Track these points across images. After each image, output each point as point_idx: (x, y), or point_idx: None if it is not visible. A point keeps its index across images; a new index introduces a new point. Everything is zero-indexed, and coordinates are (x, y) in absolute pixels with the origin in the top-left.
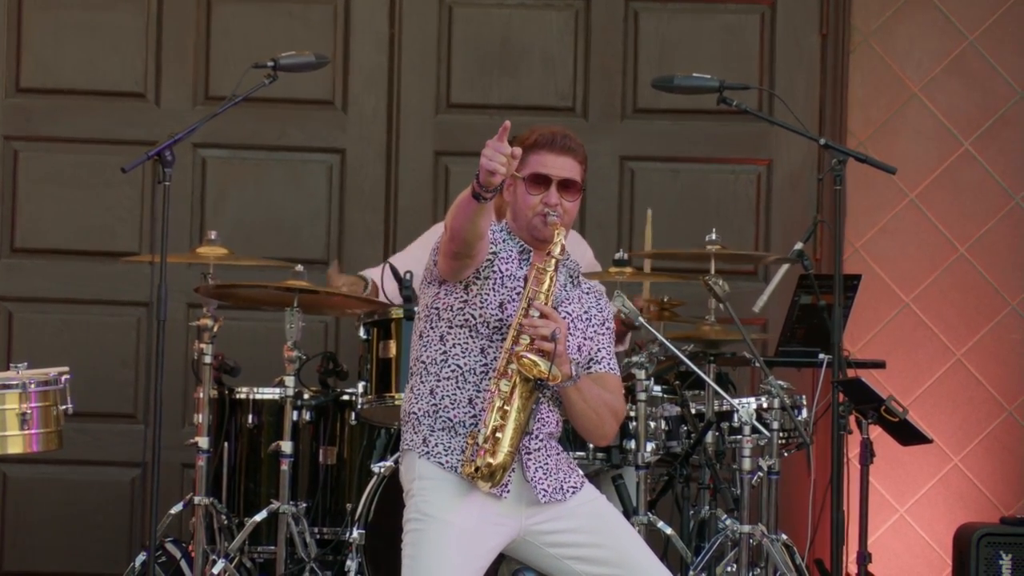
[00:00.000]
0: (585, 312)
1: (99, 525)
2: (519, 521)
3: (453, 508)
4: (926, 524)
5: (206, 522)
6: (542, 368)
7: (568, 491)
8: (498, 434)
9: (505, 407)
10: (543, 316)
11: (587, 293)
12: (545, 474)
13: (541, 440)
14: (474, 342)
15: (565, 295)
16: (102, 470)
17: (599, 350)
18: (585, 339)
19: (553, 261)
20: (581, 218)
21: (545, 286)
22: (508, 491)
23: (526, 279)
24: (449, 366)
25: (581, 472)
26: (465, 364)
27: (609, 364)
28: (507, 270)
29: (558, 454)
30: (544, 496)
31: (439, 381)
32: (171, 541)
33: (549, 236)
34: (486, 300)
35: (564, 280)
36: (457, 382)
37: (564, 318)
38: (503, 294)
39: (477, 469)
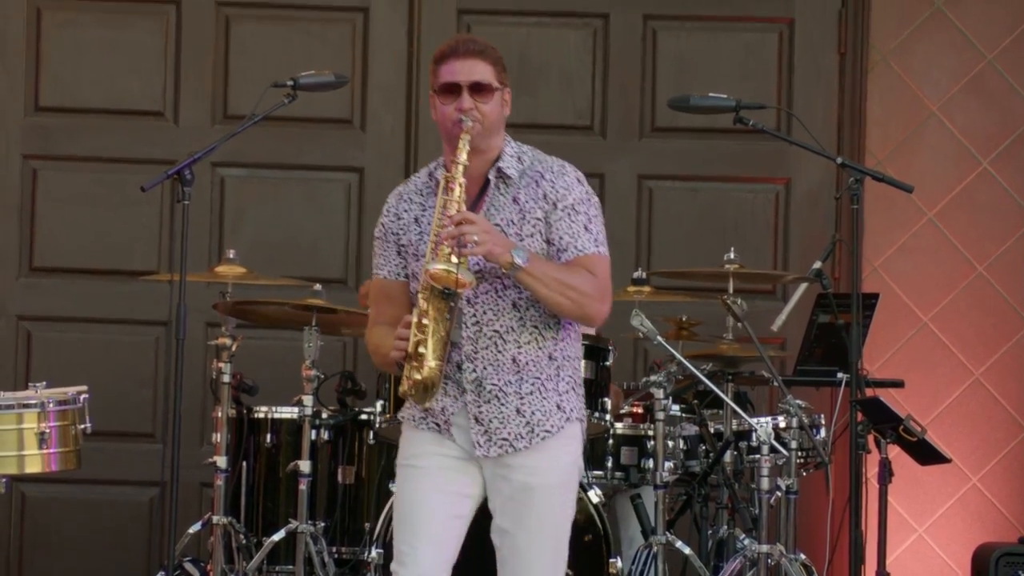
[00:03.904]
0: (520, 210)
1: (117, 544)
2: (477, 462)
3: (415, 454)
4: (945, 544)
5: (224, 541)
6: (452, 275)
7: (515, 444)
8: (420, 349)
9: (423, 321)
10: (460, 223)
11: (526, 186)
12: (487, 424)
13: (499, 386)
14: None
15: (494, 203)
16: (120, 489)
17: (560, 237)
18: (522, 239)
19: (460, 168)
20: None
21: (456, 193)
22: (451, 434)
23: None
24: None
25: (562, 411)
26: None
27: (577, 247)
28: (427, 220)
29: (521, 399)
30: (479, 449)
31: None
32: (189, 561)
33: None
34: (420, 265)
35: (492, 184)
36: None
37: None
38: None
39: (410, 387)
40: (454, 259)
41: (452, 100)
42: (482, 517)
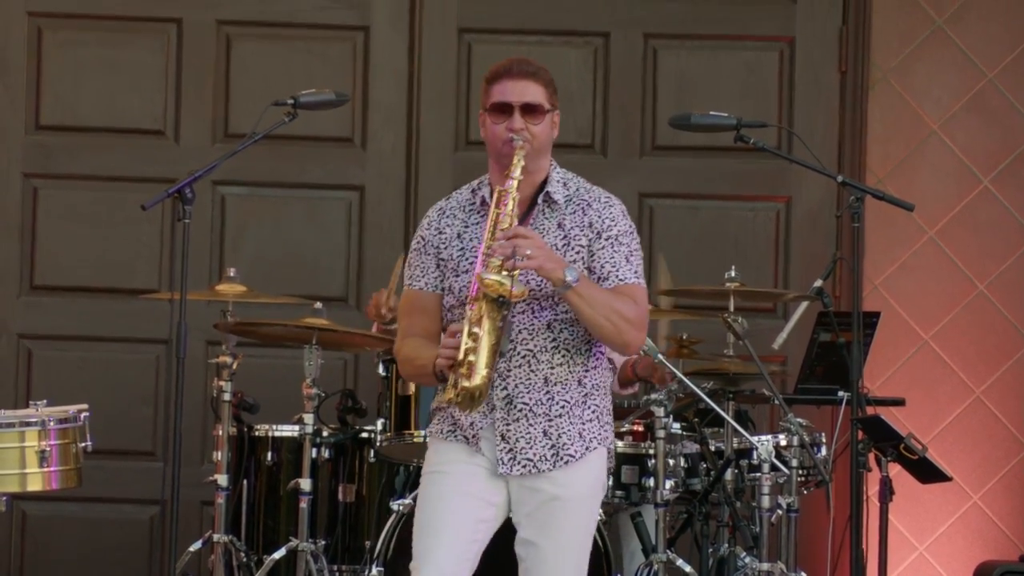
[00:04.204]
0: (564, 236)
1: (118, 562)
2: (503, 476)
3: (443, 461)
4: (945, 562)
5: (225, 560)
6: (505, 286)
7: (539, 466)
8: (471, 357)
9: (475, 330)
10: (514, 237)
11: (572, 213)
12: (513, 443)
13: (529, 405)
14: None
15: (538, 226)
16: (121, 507)
17: (602, 266)
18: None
19: (514, 183)
20: None
21: (509, 207)
22: (479, 448)
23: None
24: None
25: (583, 439)
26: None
27: (618, 276)
28: (469, 236)
29: (549, 420)
30: (502, 467)
31: None
32: None
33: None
34: (459, 281)
35: (539, 208)
36: None
37: None
38: (473, 258)
39: (457, 395)
40: (505, 271)
41: (503, 119)
42: (505, 531)
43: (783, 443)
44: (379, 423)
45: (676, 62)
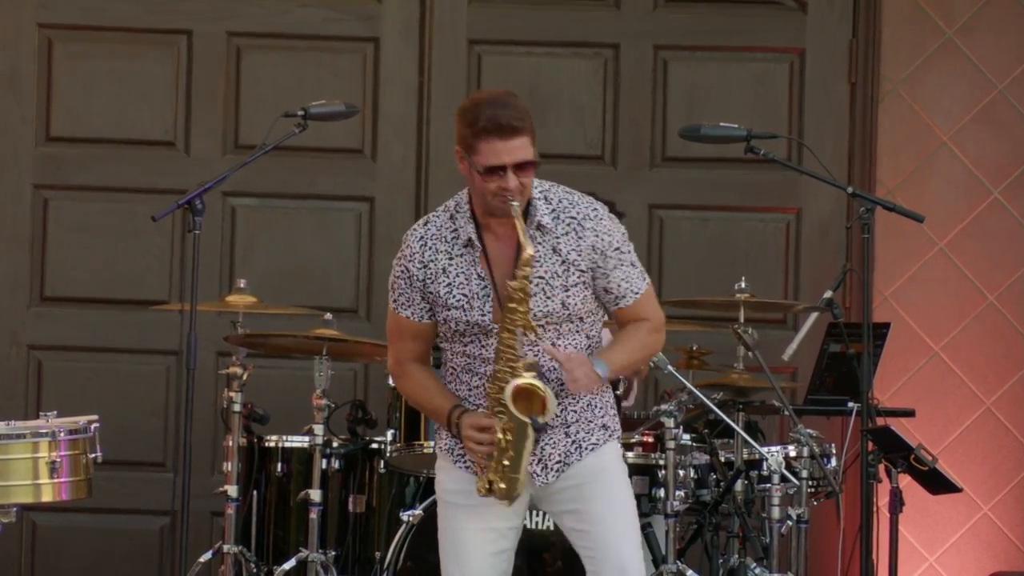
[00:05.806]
0: (562, 261)
1: (128, 573)
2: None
3: (457, 491)
4: (956, 573)
5: (235, 570)
6: (537, 390)
7: (567, 460)
8: (505, 461)
9: (508, 436)
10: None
11: (565, 234)
12: (539, 452)
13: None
14: (459, 346)
15: (536, 257)
16: (131, 518)
17: (618, 285)
18: (568, 289)
19: (528, 270)
20: None
21: (522, 308)
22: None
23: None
24: (447, 369)
25: (607, 429)
26: (457, 364)
27: (632, 290)
28: (455, 271)
29: (568, 426)
30: (538, 479)
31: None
32: None
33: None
34: (451, 315)
35: (531, 233)
36: (454, 383)
37: (535, 283)
38: (460, 295)
39: (491, 494)
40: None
41: (495, 179)
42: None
43: (793, 454)
44: (389, 434)
45: (686, 73)
